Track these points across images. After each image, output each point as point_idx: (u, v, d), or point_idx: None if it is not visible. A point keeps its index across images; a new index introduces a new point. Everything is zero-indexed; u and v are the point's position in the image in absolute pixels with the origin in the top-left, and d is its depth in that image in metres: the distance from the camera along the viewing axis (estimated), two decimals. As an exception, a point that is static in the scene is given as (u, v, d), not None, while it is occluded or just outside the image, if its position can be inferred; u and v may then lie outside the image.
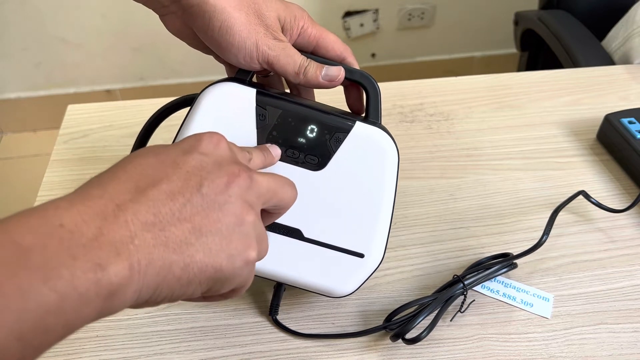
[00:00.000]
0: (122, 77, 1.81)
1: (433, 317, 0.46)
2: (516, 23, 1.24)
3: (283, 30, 0.43)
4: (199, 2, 0.40)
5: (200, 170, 0.30)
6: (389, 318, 0.46)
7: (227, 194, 0.30)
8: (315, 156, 0.43)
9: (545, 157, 0.65)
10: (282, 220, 0.43)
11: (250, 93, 0.43)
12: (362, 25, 1.78)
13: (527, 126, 0.70)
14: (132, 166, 0.29)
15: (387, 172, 0.44)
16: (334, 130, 0.43)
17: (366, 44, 1.85)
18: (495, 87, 0.76)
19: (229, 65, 0.47)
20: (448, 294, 0.47)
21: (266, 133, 0.43)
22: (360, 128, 0.44)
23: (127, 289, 0.25)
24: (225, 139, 0.33)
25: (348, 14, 1.76)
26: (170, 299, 0.28)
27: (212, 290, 0.30)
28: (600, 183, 0.62)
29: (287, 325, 0.47)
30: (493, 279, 0.51)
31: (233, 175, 0.31)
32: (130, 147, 0.49)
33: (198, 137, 0.32)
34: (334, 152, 0.43)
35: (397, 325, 0.45)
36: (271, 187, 0.34)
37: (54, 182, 0.61)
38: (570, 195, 0.56)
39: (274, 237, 0.43)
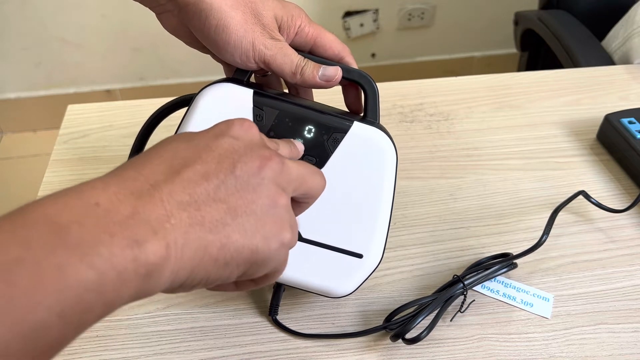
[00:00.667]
0: (122, 77, 1.81)
1: (433, 317, 0.46)
2: (516, 23, 1.24)
3: (280, 29, 0.43)
4: (195, 0, 0.40)
5: (232, 152, 0.30)
6: (388, 318, 0.46)
7: (260, 177, 0.30)
8: (313, 156, 0.43)
9: (545, 157, 0.65)
10: None
11: (247, 94, 0.43)
12: (362, 25, 1.78)
13: (527, 126, 0.70)
14: (165, 150, 0.29)
15: (385, 172, 0.44)
16: (332, 130, 0.43)
17: (366, 44, 1.85)
18: (495, 87, 0.76)
19: (226, 65, 0.47)
20: (448, 294, 0.47)
21: (264, 132, 0.43)
22: (358, 128, 0.44)
23: (163, 269, 0.25)
24: (256, 126, 0.33)
25: (348, 14, 1.76)
26: (206, 282, 0.28)
27: (246, 274, 0.30)
28: (600, 183, 0.62)
29: (287, 325, 0.47)
30: (493, 279, 0.51)
31: (265, 159, 0.30)
32: (130, 147, 0.49)
33: (229, 122, 0.32)
34: (332, 153, 0.43)
35: (397, 325, 0.45)
36: (301, 173, 0.33)
37: (54, 182, 0.61)
38: (570, 195, 0.56)
39: None
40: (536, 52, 1.24)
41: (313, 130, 0.43)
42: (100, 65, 1.77)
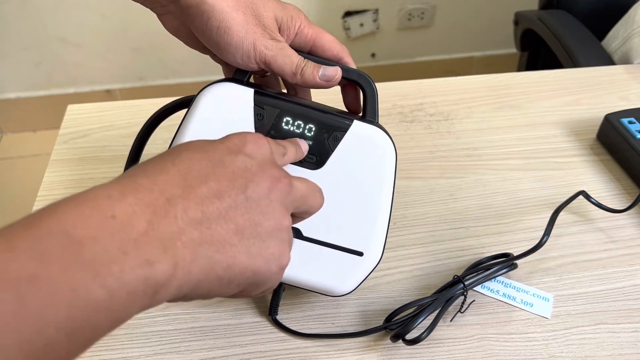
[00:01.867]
0: (122, 77, 1.81)
1: (433, 317, 0.46)
2: (516, 23, 1.24)
3: (280, 30, 0.43)
4: (197, 2, 0.40)
5: (245, 172, 0.30)
6: (389, 318, 0.46)
7: (269, 199, 0.30)
8: (314, 155, 0.43)
9: (545, 157, 0.65)
10: None
11: (247, 93, 0.43)
12: (362, 25, 1.78)
13: (527, 126, 0.70)
14: (180, 160, 0.29)
15: (385, 170, 0.44)
16: (332, 129, 0.43)
17: (366, 44, 1.85)
18: (495, 87, 0.76)
19: (226, 65, 0.47)
20: (448, 294, 0.47)
21: (264, 133, 0.43)
22: (357, 127, 0.44)
23: (170, 286, 0.25)
24: (267, 141, 0.33)
25: (348, 14, 1.76)
26: (207, 296, 0.29)
27: (244, 292, 0.31)
28: (600, 183, 0.62)
29: (287, 325, 0.47)
30: (493, 279, 0.51)
31: (275, 180, 0.31)
32: (130, 147, 0.49)
33: (243, 137, 0.32)
34: (332, 151, 0.43)
35: (397, 325, 0.45)
36: (304, 193, 0.34)
37: (54, 182, 0.61)
38: (570, 195, 0.56)
39: None
40: (536, 52, 1.23)
41: (313, 129, 0.43)
42: (100, 65, 1.77)
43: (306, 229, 0.43)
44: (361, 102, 0.47)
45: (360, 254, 0.44)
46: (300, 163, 0.43)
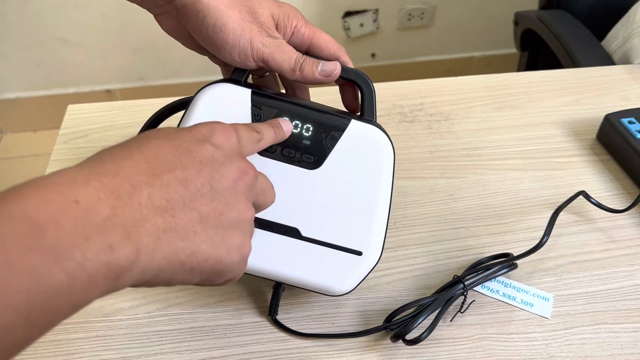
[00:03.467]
0: (122, 77, 1.81)
1: (433, 317, 0.46)
2: (516, 23, 1.24)
3: (277, 28, 0.43)
4: (192, 1, 0.40)
5: (212, 161, 0.30)
6: (389, 318, 0.46)
7: (234, 190, 0.31)
8: (311, 155, 0.43)
9: (545, 157, 0.65)
10: (280, 219, 0.43)
11: (245, 93, 0.43)
12: (362, 25, 1.78)
13: (527, 126, 0.70)
14: (147, 147, 0.29)
15: (383, 169, 0.44)
16: (330, 128, 0.43)
17: (366, 44, 1.85)
18: (495, 87, 0.76)
19: (224, 66, 0.47)
20: (448, 294, 0.47)
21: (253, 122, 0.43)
22: (355, 126, 0.44)
23: (132, 271, 0.25)
24: (236, 131, 0.34)
25: (348, 14, 1.76)
26: (169, 283, 0.29)
27: (207, 280, 0.31)
28: (600, 183, 0.62)
29: (287, 325, 0.47)
30: (493, 279, 0.51)
31: (241, 172, 0.31)
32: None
33: (211, 127, 0.32)
34: (330, 151, 0.43)
35: (397, 325, 0.45)
36: (264, 188, 0.35)
37: (54, 182, 0.61)
38: (570, 195, 0.56)
39: (271, 237, 0.43)
40: (536, 52, 1.23)
41: (311, 128, 0.43)
42: (100, 65, 1.77)
43: (305, 229, 0.43)
44: (359, 102, 0.47)
45: (359, 253, 0.44)
46: (297, 163, 0.43)
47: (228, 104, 0.43)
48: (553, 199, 0.60)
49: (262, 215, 0.42)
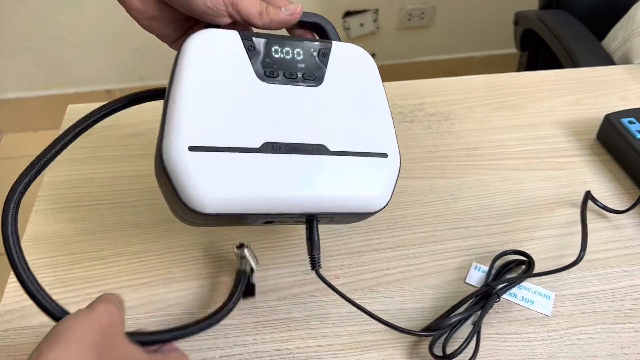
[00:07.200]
0: (122, 77, 1.81)
1: (468, 327, 0.46)
2: (516, 23, 1.24)
3: None
4: None
5: None
6: (427, 329, 0.46)
7: None
8: (311, 74, 0.45)
9: (545, 157, 0.65)
10: (305, 139, 0.42)
11: (232, 33, 0.44)
12: (362, 25, 1.78)
13: (527, 126, 0.70)
14: None
15: (373, 75, 0.48)
16: (319, 47, 0.46)
17: (366, 44, 1.85)
18: (495, 87, 0.76)
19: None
20: (486, 307, 0.47)
21: (259, 61, 0.43)
22: (337, 45, 0.47)
23: None
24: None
25: (348, 14, 1.76)
26: None
27: None
28: (600, 183, 0.62)
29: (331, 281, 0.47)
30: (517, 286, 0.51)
31: None
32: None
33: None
34: (326, 67, 0.46)
35: (433, 335, 0.45)
36: None
37: (54, 182, 0.61)
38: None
39: (301, 159, 0.41)
40: (536, 52, 1.23)
41: (301, 52, 0.45)
42: (100, 65, 1.77)
43: (330, 142, 0.42)
44: None
45: (385, 155, 0.44)
46: (302, 83, 0.44)
47: (218, 44, 0.43)
48: (553, 198, 0.60)
49: (287, 139, 0.41)
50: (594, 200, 0.57)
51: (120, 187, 0.60)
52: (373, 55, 2.12)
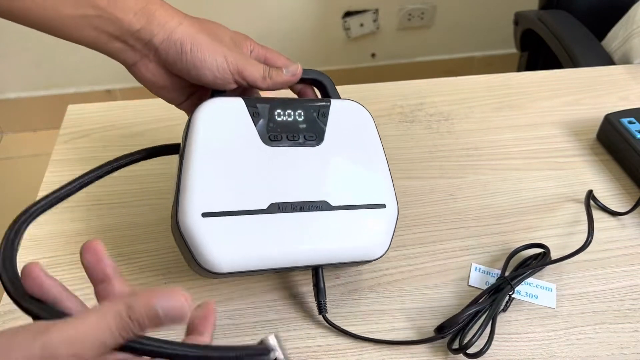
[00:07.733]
0: (122, 77, 1.81)
1: (481, 322, 0.46)
2: (516, 23, 1.24)
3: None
4: (166, 36, 0.44)
5: None
6: (440, 328, 0.46)
7: None
8: (312, 133, 0.47)
9: (545, 157, 0.65)
10: (308, 197, 0.44)
11: (237, 100, 0.47)
12: (362, 25, 1.78)
13: (527, 126, 0.70)
14: None
15: (370, 129, 0.50)
16: (318, 107, 0.49)
17: (366, 44, 1.85)
18: (495, 87, 0.76)
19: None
20: (498, 299, 0.47)
21: (264, 126, 0.46)
22: (335, 102, 0.50)
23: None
24: None
25: (348, 14, 1.76)
26: None
27: None
28: (600, 183, 0.62)
29: (335, 323, 0.47)
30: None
31: None
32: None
33: None
34: (325, 126, 0.48)
35: (450, 334, 0.45)
36: None
37: (54, 182, 0.61)
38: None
39: (305, 216, 0.44)
40: (536, 52, 1.23)
41: (303, 113, 0.48)
42: (100, 65, 1.77)
43: (331, 198, 0.45)
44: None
45: (383, 206, 0.46)
46: (303, 144, 0.47)
47: (226, 112, 0.46)
48: (553, 198, 0.60)
49: (291, 198, 0.44)
50: (595, 200, 0.57)
51: (121, 187, 0.60)
52: (373, 55, 2.11)
